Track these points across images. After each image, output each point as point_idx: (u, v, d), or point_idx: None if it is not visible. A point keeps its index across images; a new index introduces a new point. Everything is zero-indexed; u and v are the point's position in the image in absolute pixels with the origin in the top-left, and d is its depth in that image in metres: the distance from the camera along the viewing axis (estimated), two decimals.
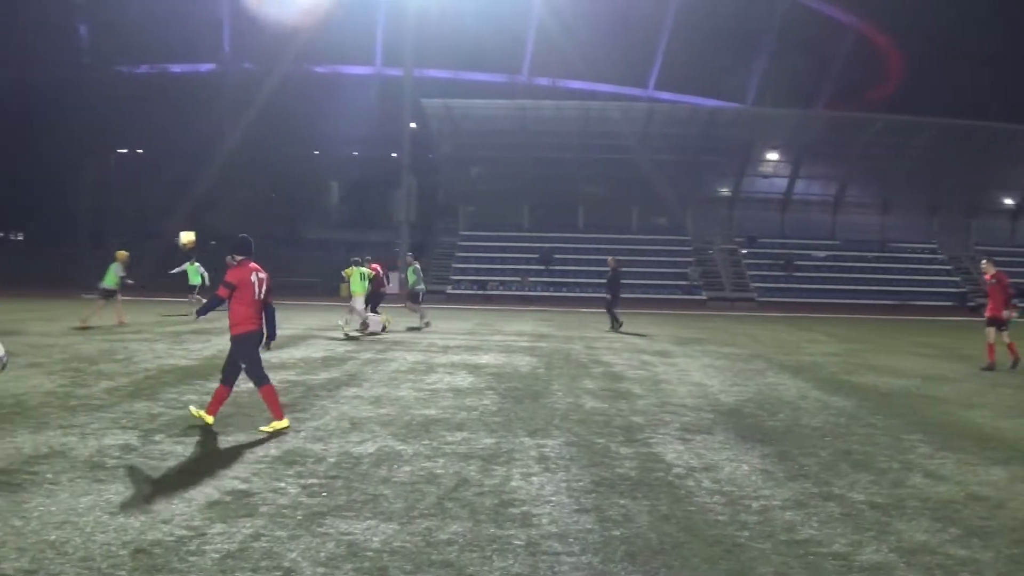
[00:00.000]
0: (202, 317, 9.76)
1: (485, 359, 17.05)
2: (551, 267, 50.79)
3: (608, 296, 26.58)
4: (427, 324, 25.37)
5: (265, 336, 9.41)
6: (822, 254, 55.13)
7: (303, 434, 9.15)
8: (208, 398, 10.91)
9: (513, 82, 61.39)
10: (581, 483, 7.37)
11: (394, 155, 55.42)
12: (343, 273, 23.69)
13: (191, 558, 5.32)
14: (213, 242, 60.54)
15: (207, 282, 28.18)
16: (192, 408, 9.80)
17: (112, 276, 23.71)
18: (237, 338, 9.27)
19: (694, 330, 27.68)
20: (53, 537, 5.58)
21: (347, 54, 58.41)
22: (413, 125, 53.15)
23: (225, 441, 8.75)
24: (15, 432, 8.80)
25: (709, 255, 54.59)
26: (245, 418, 9.94)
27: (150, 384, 12.51)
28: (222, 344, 18.39)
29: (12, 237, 66.14)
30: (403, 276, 30.56)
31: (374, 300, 23.85)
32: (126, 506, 6.32)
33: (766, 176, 59.78)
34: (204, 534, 5.76)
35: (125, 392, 11.65)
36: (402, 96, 50.86)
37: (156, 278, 32.44)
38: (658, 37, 60.25)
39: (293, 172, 56.19)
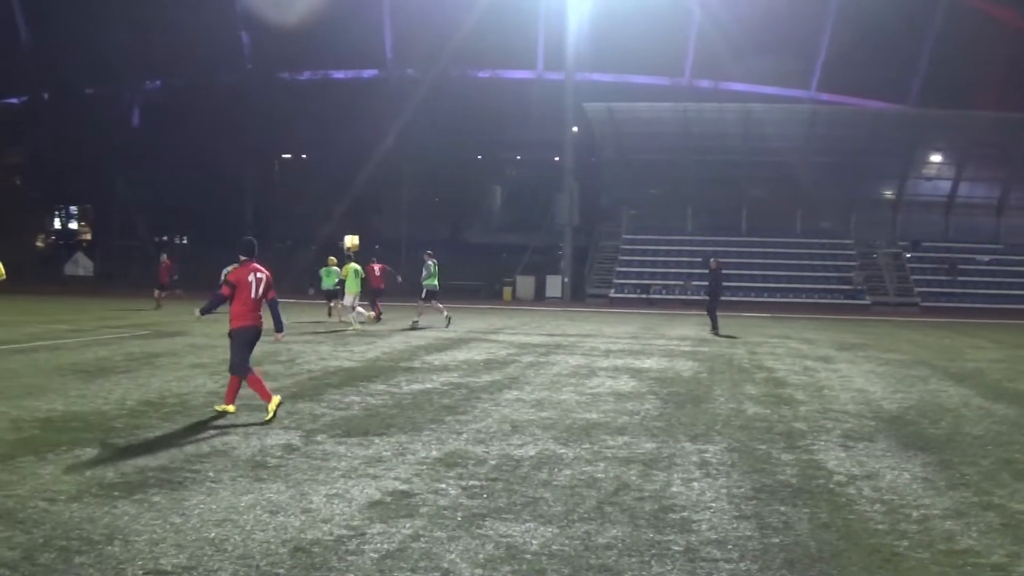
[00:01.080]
0: (206, 315, 10.70)
1: (647, 363, 17.33)
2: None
3: (708, 298, 26.99)
4: (415, 323, 26.19)
5: (275, 328, 10.77)
6: (986, 258, 54.20)
7: (464, 436, 9.40)
8: (372, 400, 11.48)
9: (675, 85, 61.53)
10: (741, 489, 7.42)
11: (557, 159, 56.69)
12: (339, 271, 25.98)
13: (350, 557, 5.47)
14: (377, 246, 63.11)
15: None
16: (216, 406, 10.53)
17: (331, 278, 26.74)
18: (235, 331, 10.35)
19: (857, 335, 27.65)
20: (212, 534, 5.81)
21: (508, 58, 59.78)
22: (575, 129, 54.27)
23: (387, 442, 8.98)
24: (178, 431, 9.27)
25: (872, 259, 54.29)
26: (407, 419, 10.28)
27: (313, 385, 13.03)
28: (386, 347, 19.19)
29: (177, 240, 70.84)
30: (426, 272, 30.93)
31: (369, 296, 27.55)
32: (286, 505, 6.55)
33: (929, 178, 59.53)
34: (363, 534, 5.93)
35: (288, 393, 12.05)
36: (564, 100, 52.29)
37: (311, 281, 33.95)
38: (820, 37, 59.60)
39: (456, 176, 57.80)
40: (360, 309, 25.68)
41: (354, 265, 25.32)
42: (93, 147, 58.98)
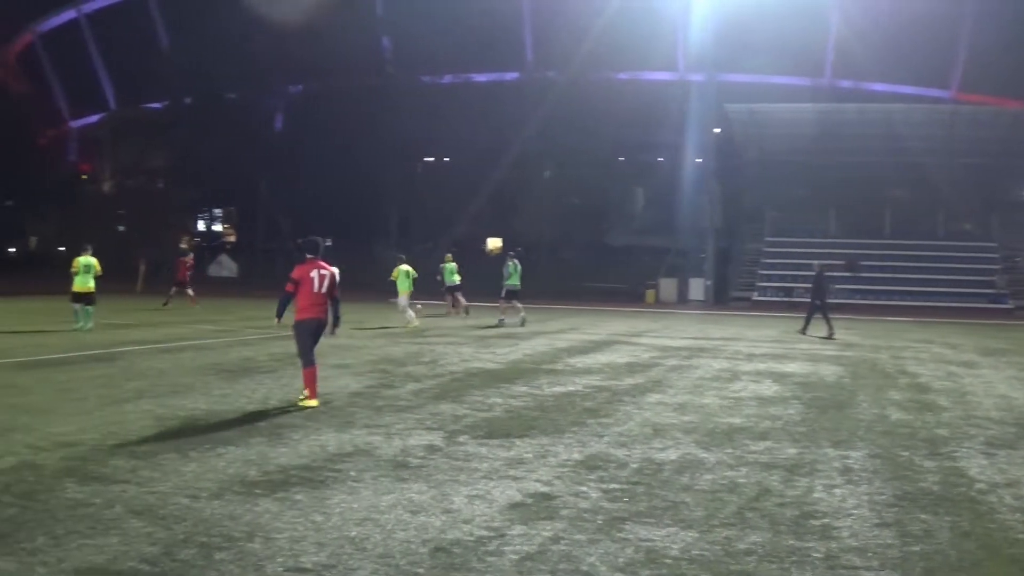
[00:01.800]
0: (280, 317, 11.56)
1: (790, 367, 17.25)
2: (857, 274, 50.55)
3: (816, 302, 26.86)
4: (500, 322, 27.32)
5: (330, 323, 11.67)
6: None
7: (606, 439, 9.47)
8: (514, 402, 11.65)
9: (815, 85, 61.02)
10: (883, 496, 7.37)
11: (699, 160, 56.58)
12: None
13: (489, 558, 5.53)
14: (519, 248, 63.78)
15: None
16: (300, 401, 11.14)
17: (451, 274, 27.92)
18: (298, 323, 11.33)
19: (1000, 340, 27.19)
20: (353, 533, 5.93)
21: (649, 60, 59.83)
22: (717, 130, 54.22)
23: (529, 444, 9.08)
24: (320, 430, 9.48)
25: (1015, 262, 53.41)
26: (549, 422, 10.39)
27: (456, 386, 13.25)
28: (528, 349, 19.39)
29: (322, 243, 72.72)
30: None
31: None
32: (427, 505, 6.66)
33: None
34: (504, 535, 6.00)
35: (431, 394, 12.39)
36: (705, 101, 52.44)
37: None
38: (959, 37, 58.32)
39: (597, 179, 58.35)
40: (410, 311, 26.06)
41: (405, 267, 26.49)
42: (236, 150, 61.47)
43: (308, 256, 11.67)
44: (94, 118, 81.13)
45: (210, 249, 71.38)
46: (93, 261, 22.92)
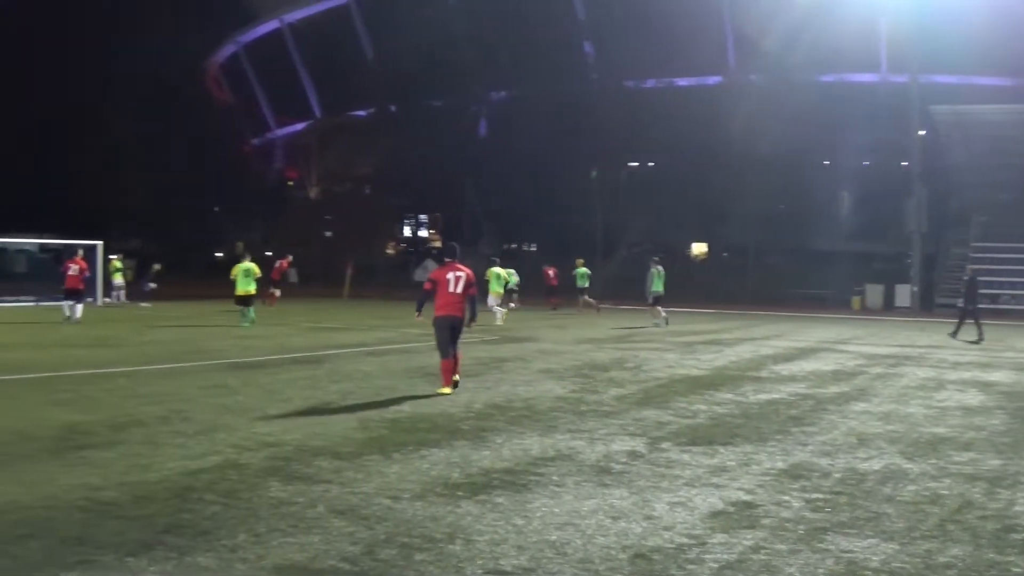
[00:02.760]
0: (420, 311, 13.75)
1: (996, 376, 16.75)
2: None
3: (968, 307, 27.03)
4: (657, 324, 28.80)
5: (467, 318, 13.30)
6: None
7: (810, 448, 9.38)
8: (719, 408, 11.69)
9: (1021, 86, 58.26)
10: None
11: (904, 164, 55.31)
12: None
13: (689, 566, 5.52)
14: (725, 254, 63.07)
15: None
16: (439, 390, 12.59)
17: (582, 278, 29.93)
18: (437, 319, 12.92)
19: None
20: (554, 537, 5.96)
21: (851, 62, 59.02)
22: (922, 132, 52.83)
23: (732, 452, 9.05)
24: (524, 434, 9.62)
25: None
26: (753, 429, 10.34)
27: (660, 392, 13.29)
28: (733, 355, 19.34)
29: (525, 248, 74.04)
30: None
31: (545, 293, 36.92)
32: (628, 511, 6.68)
33: None
34: (704, 543, 5.99)
35: (634, 399, 12.46)
36: (909, 103, 51.11)
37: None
38: None
39: (802, 183, 57.51)
40: (499, 309, 28.90)
41: (496, 269, 29.41)
42: (441, 157, 63.22)
43: (446, 260, 13.33)
44: (299, 126, 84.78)
45: (416, 254, 73.48)
46: (253, 267, 26.04)
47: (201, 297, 33.79)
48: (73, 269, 27.34)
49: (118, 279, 37.46)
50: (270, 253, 40.01)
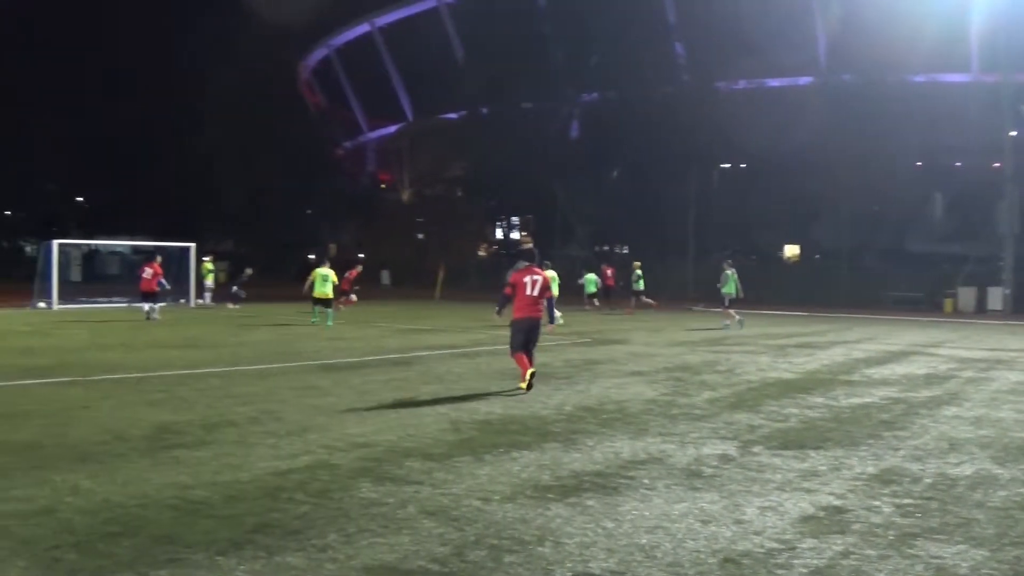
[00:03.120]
0: (501, 313, 14.25)
1: None
2: None
3: None
4: (733, 324, 28.79)
5: (545, 320, 14.23)
6: None
7: (901, 452, 9.31)
8: (810, 412, 11.67)
9: None
10: None
11: (996, 165, 54.53)
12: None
13: (779, 571, 5.51)
14: (817, 256, 62.28)
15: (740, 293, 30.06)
16: (520, 384, 13.25)
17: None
18: (515, 321, 13.55)
19: None
20: (644, 541, 5.97)
21: (942, 62, 57.90)
22: (1013, 133, 51.93)
23: (823, 456, 9.00)
24: (615, 437, 9.62)
25: None
26: (844, 433, 10.26)
27: (752, 396, 13.25)
28: (825, 359, 19.29)
29: (618, 251, 73.86)
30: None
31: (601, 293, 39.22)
32: (719, 515, 6.67)
33: None
34: (794, 548, 5.97)
35: (726, 403, 12.44)
36: (1000, 103, 50.43)
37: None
38: None
39: (894, 185, 56.59)
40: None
41: (551, 272, 28.70)
42: (532, 159, 63.44)
43: (524, 264, 14.02)
44: (391, 128, 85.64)
45: (508, 257, 73.82)
46: (330, 272, 27.93)
47: (294, 299, 34.32)
48: (147, 272, 28.68)
49: (210, 280, 38.29)
50: (362, 255, 40.51)
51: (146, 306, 28.57)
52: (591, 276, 39.22)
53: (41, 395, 12.12)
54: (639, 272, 37.78)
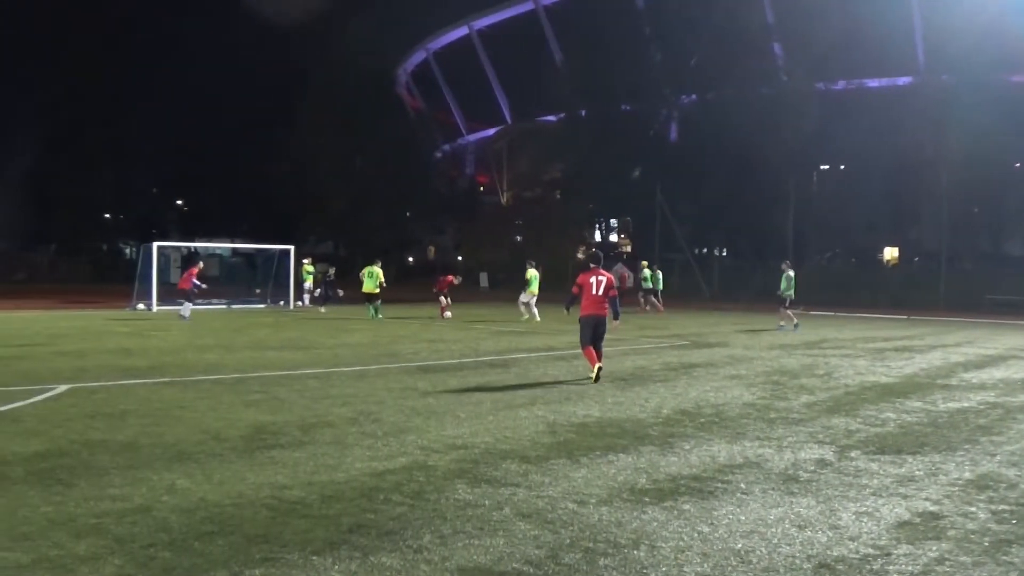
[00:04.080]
0: (569, 310, 15.96)
1: None
2: None
3: None
4: (795, 327, 28.87)
5: (610, 317, 15.46)
6: None
7: (998, 458, 9.19)
8: (907, 417, 11.62)
9: None
10: None
11: None
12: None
13: None
14: (916, 258, 61.09)
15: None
16: (589, 374, 14.64)
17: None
18: (582, 318, 14.94)
19: None
20: (739, 546, 5.96)
21: None
22: None
23: (920, 461, 8.92)
24: (712, 441, 9.60)
25: None
26: (941, 438, 10.17)
27: (849, 400, 13.13)
28: (923, 363, 19.13)
29: (717, 253, 73.36)
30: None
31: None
32: (814, 520, 6.63)
33: None
34: (889, 554, 5.93)
35: (824, 407, 12.35)
36: None
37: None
38: None
39: (993, 186, 56.40)
40: (534, 309, 31.54)
41: (533, 271, 31.85)
42: (631, 161, 63.38)
43: (591, 265, 15.36)
44: (490, 131, 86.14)
45: (607, 259, 73.87)
46: (377, 270, 31.04)
47: (393, 301, 34.73)
48: (187, 274, 29.94)
49: (309, 283, 38.91)
50: (461, 258, 40.90)
51: (187, 308, 29.34)
52: (653, 274, 39.34)
53: (139, 395, 12.38)
54: (647, 272, 38.69)
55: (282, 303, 35.60)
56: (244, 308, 36.67)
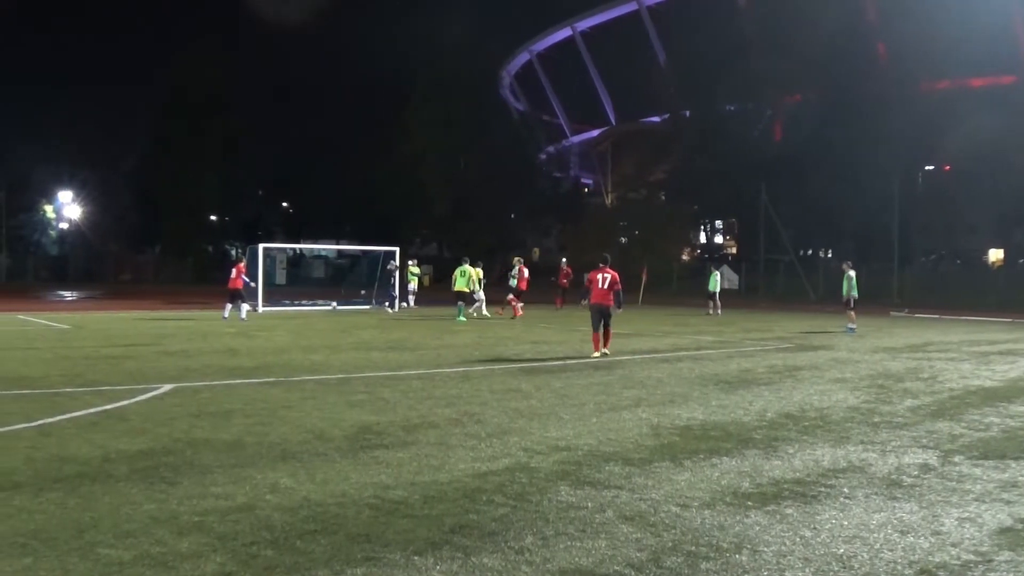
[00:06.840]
0: (583, 301, 17.92)
1: None
2: None
3: None
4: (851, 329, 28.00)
5: (614, 306, 19.28)
6: None
7: None
8: (1011, 421, 11.45)
9: None
10: None
11: None
12: None
13: None
14: (1021, 260, 59.47)
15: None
16: (592, 354, 18.40)
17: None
18: (591, 305, 19.21)
19: None
20: (841, 551, 5.92)
21: None
22: None
23: (1023, 467, 8.76)
24: (815, 445, 9.53)
25: None
26: None
27: (953, 404, 12.93)
28: None
29: (821, 255, 72.21)
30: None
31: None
32: (916, 526, 6.59)
33: None
34: (990, 560, 5.87)
35: (928, 411, 12.18)
36: None
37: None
38: None
39: None
40: (484, 309, 33.29)
41: (466, 267, 32.41)
42: (735, 162, 62.80)
43: (600, 264, 19.40)
44: (594, 132, 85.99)
45: (712, 261, 73.29)
46: (469, 270, 32.06)
47: (495, 302, 34.85)
48: (234, 273, 30.23)
49: (413, 284, 39.27)
50: (565, 259, 41.09)
51: (243, 308, 30.05)
52: (717, 274, 39.87)
53: (245, 395, 12.65)
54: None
55: (386, 304, 36.08)
56: (349, 309, 37.19)
